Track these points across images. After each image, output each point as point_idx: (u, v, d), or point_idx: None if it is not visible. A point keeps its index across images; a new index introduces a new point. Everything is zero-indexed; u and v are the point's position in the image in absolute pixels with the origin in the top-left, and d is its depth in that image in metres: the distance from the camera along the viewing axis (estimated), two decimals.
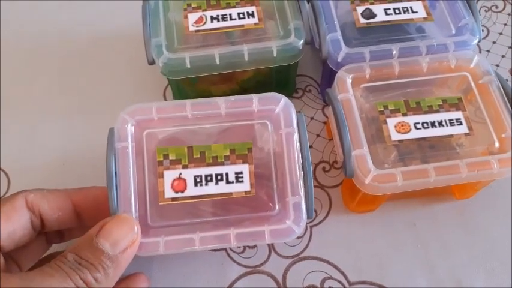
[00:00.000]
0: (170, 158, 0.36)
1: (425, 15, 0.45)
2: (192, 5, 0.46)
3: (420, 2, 0.46)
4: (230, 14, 0.45)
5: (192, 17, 0.45)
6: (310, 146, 0.49)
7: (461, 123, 0.39)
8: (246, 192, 0.35)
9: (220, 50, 0.43)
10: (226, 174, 0.35)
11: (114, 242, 0.32)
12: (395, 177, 0.36)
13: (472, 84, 0.42)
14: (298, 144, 0.36)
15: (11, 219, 0.33)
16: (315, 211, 0.46)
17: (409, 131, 0.39)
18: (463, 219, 0.45)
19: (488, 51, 0.56)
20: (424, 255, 0.43)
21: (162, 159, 0.36)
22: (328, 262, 0.43)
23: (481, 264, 0.43)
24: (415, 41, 0.44)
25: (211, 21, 0.44)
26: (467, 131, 0.39)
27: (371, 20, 0.45)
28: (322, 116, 0.51)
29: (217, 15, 0.45)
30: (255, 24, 0.44)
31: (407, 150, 0.40)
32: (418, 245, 0.44)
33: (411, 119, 0.39)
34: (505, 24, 0.58)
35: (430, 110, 0.40)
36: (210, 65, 0.43)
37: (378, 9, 0.45)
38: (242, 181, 0.35)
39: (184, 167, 0.36)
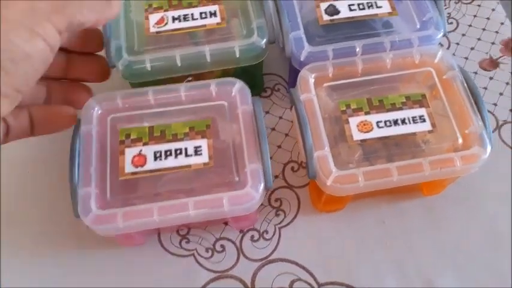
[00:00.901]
0: (132, 137, 0.38)
1: (389, 10, 0.44)
2: (153, 6, 0.44)
3: None
4: (192, 14, 0.44)
5: (153, 17, 0.44)
6: (279, 146, 0.49)
7: (424, 121, 0.39)
8: (204, 164, 0.37)
9: (181, 51, 0.42)
10: (186, 149, 0.37)
11: None
12: (357, 178, 0.36)
13: (436, 79, 0.41)
14: (254, 119, 0.39)
15: None
16: (283, 211, 0.45)
17: (371, 130, 0.38)
18: (432, 215, 0.45)
19: (458, 43, 0.55)
20: (393, 254, 0.43)
21: (124, 138, 0.38)
22: (296, 264, 0.43)
23: (450, 260, 0.42)
24: (379, 36, 0.43)
25: (173, 22, 0.43)
26: (430, 128, 0.38)
27: (335, 17, 0.44)
28: (290, 115, 0.50)
29: (179, 16, 0.44)
30: (217, 23, 0.43)
31: (372, 149, 0.39)
32: (387, 242, 0.43)
33: (373, 118, 0.39)
34: (475, 16, 0.58)
35: (393, 107, 0.39)
36: (171, 67, 0.42)
37: (341, 5, 0.45)
38: (201, 154, 0.37)
39: (145, 144, 0.38)
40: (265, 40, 0.43)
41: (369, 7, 0.45)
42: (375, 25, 0.45)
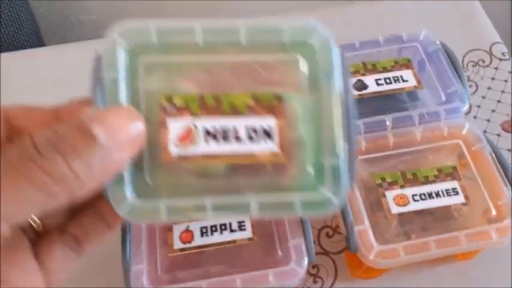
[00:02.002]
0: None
1: (415, 84, 0.47)
2: (175, 100, 0.25)
3: (410, 70, 0.48)
4: (235, 129, 0.25)
5: (174, 127, 0.25)
6: None
7: (457, 193, 0.40)
8: (248, 239, 0.30)
9: (214, 200, 0.25)
10: (230, 224, 0.35)
11: (111, 131, 0.21)
12: (398, 253, 0.38)
13: (465, 151, 0.43)
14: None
15: None
16: (321, 278, 0.47)
17: (407, 204, 0.40)
18: (466, 280, 0.46)
19: (479, 106, 0.58)
20: None
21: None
22: None
23: None
24: (407, 110, 0.46)
25: (206, 141, 0.25)
26: (464, 200, 0.40)
27: (363, 92, 0.47)
28: None
29: (215, 130, 0.25)
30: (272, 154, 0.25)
31: (408, 219, 0.41)
32: None
33: (409, 191, 0.41)
34: (493, 79, 0.60)
35: (426, 180, 0.41)
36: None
37: (369, 80, 0.47)
38: (245, 229, 0.33)
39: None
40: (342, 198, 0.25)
41: (395, 81, 0.47)
42: (401, 98, 0.48)
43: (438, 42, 0.49)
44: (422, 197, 0.40)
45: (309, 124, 0.25)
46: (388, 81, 0.47)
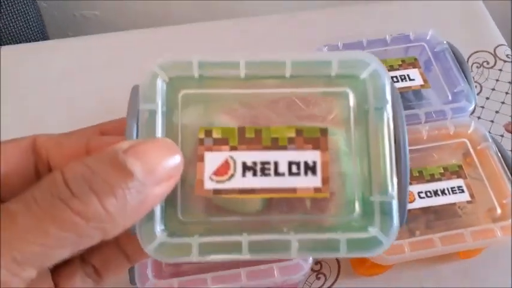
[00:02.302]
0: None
1: (422, 83, 0.47)
2: (214, 134, 0.24)
3: (416, 69, 0.48)
4: (276, 163, 0.23)
5: (211, 160, 0.24)
6: None
7: (463, 191, 0.41)
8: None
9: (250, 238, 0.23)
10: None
11: (149, 166, 0.20)
12: (404, 249, 0.38)
13: (471, 149, 0.44)
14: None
15: (8, 160, 0.24)
16: (324, 275, 0.47)
17: (413, 201, 0.40)
18: (468, 278, 0.46)
19: (482, 107, 0.58)
20: None
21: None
22: None
23: None
24: (414, 108, 0.46)
25: (244, 174, 0.23)
26: (469, 198, 0.40)
27: None
28: None
29: (254, 164, 0.23)
30: (317, 189, 0.23)
31: (413, 216, 0.41)
32: None
33: (415, 188, 0.41)
34: (497, 80, 0.60)
35: (432, 178, 0.41)
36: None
37: None
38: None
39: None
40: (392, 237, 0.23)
41: (402, 80, 0.47)
42: (408, 96, 0.48)
43: (445, 42, 0.49)
44: (428, 194, 0.41)
45: (356, 159, 0.24)
46: (395, 79, 0.47)
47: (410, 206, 0.40)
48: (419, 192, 0.41)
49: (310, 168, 0.23)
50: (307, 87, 0.25)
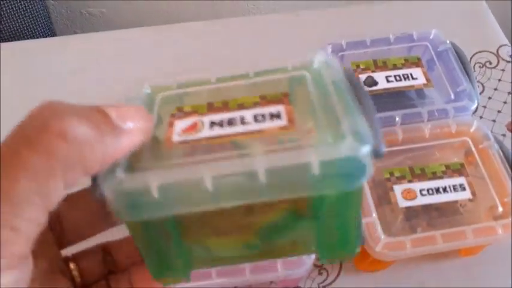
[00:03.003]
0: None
1: (425, 82, 0.48)
2: (185, 109, 0.26)
3: (419, 68, 0.49)
4: (242, 117, 0.25)
5: (181, 124, 0.25)
6: None
7: (464, 189, 0.41)
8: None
9: (214, 170, 0.21)
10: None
11: (122, 115, 0.22)
12: (405, 245, 0.38)
13: (473, 148, 0.44)
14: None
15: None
16: (326, 270, 0.48)
17: (415, 198, 0.41)
18: (469, 276, 0.46)
19: (485, 106, 0.58)
20: None
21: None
22: None
23: None
24: (416, 107, 0.46)
25: (211, 127, 0.24)
26: (470, 196, 0.41)
27: (373, 88, 0.47)
28: None
29: (221, 120, 0.25)
30: (282, 127, 0.24)
31: (414, 213, 0.42)
32: None
33: (417, 186, 0.41)
34: (499, 80, 0.61)
35: (434, 176, 0.42)
36: (195, 194, 0.22)
37: (379, 76, 0.48)
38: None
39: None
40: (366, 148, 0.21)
41: (405, 79, 0.48)
42: (410, 95, 0.49)
43: (448, 42, 0.50)
44: (430, 191, 0.41)
45: (319, 108, 0.24)
46: (398, 78, 0.48)
47: (412, 203, 0.41)
48: (421, 190, 0.41)
49: (275, 115, 0.24)
50: (269, 76, 0.27)
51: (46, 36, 0.82)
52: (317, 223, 0.24)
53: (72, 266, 0.28)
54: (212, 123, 0.24)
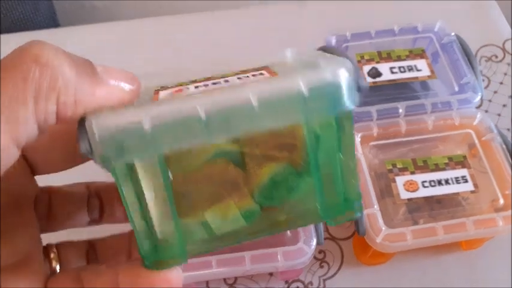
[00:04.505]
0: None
1: (429, 73, 0.47)
2: (169, 86, 0.25)
3: (424, 60, 0.48)
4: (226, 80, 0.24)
5: (166, 93, 0.24)
6: None
7: (466, 181, 0.41)
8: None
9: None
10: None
11: (108, 71, 0.22)
12: (406, 236, 0.38)
13: (476, 140, 0.44)
14: None
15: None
16: (327, 263, 0.47)
17: (417, 190, 0.41)
18: (471, 270, 0.46)
19: (490, 100, 0.58)
20: None
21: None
22: None
23: None
24: (420, 99, 0.46)
25: (196, 88, 0.24)
26: (472, 188, 0.41)
27: (377, 79, 0.47)
28: None
29: (207, 84, 0.24)
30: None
31: (416, 206, 0.41)
32: None
33: (419, 178, 0.41)
34: (505, 74, 0.60)
35: (437, 168, 0.42)
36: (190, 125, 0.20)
37: (383, 68, 0.48)
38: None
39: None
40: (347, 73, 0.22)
41: (409, 70, 0.48)
42: (414, 87, 0.48)
43: (453, 34, 0.49)
44: (432, 183, 0.41)
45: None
46: (402, 69, 0.48)
47: (414, 195, 0.41)
48: (423, 181, 0.41)
49: (259, 75, 0.23)
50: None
51: (49, 27, 0.82)
52: (314, 178, 0.24)
53: (52, 255, 0.28)
54: (197, 87, 0.23)
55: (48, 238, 0.28)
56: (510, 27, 0.64)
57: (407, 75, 0.47)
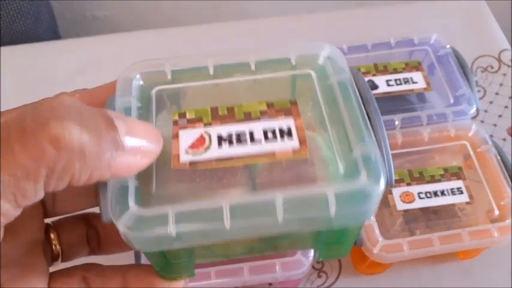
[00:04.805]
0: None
1: (425, 86, 0.48)
2: (188, 115, 0.25)
3: (420, 72, 0.49)
4: (251, 133, 0.24)
5: (186, 136, 0.24)
6: None
7: (462, 192, 0.42)
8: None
9: (232, 201, 0.21)
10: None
11: (132, 131, 0.21)
12: (402, 247, 0.39)
13: (471, 152, 0.44)
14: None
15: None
16: (325, 273, 0.48)
17: (413, 201, 0.41)
18: (467, 279, 0.47)
19: (486, 111, 0.59)
20: None
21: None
22: None
23: None
24: (416, 111, 0.47)
25: (219, 145, 0.23)
26: (468, 200, 0.41)
27: (374, 92, 0.48)
28: None
29: (229, 135, 0.24)
30: (295, 151, 0.23)
31: (412, 216, 0.42)
32: None
33: (415, 189, 0.42)
34: (501, 84, 0.61)
35: (432, 179, 0.42)
36: (214, 230, 0.21)
37: (380, 80, 0.48)
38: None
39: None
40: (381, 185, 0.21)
41: (405, 82, 0.48)
42: (410, 99, 0.49)
43: (448, 47, 0.50)
44: (428, 195, 0.41)
45: (332, 129, 0.24)
46: (398, 82, 0.48)
47: (410, 206, 0.41)
48: (419, 193, 0.42)
49: (286, 133, 0.23)
50: (272, 73, 0.26)
51: (50, 39, 0.83)
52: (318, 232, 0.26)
53: (52, 235, 0.28)
54: (220, 139, 0.23)
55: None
56: (505, 38, 0.65)
57: (404, 87, 0.48)
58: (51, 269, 0.27)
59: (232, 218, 0.21)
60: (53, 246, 0.28)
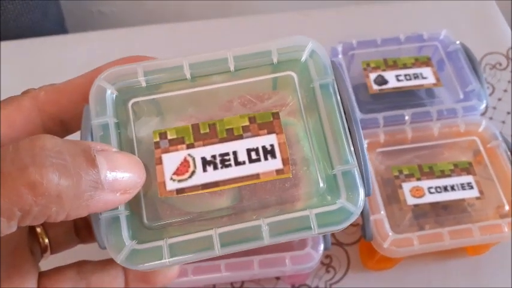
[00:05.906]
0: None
1: (434, 81, 0.48)
2: (169, 135, 0.24)
3: (429, 68, 0.49)
4: (235, 153, 0.24)
5: (170, 160, 0.24)
6: None
7: (472, 187, 0.41)
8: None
9: (220, 229, 0.24)
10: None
11: (114, 166, 0.21)
12: (412, 242, 0.39)
13: (481, 147, 0.44)
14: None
15: (14, 124, 0.23)
16: (333, 268, 0.48)
17: (423, 196, 0.41)
18: (476, 275, 0.47)
19: (494, 108, 0.59)
20: None
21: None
22: None
23: None
24: (425, 106, 0.47)
25: (204, 169, 0.23)
26: (478, 195, 0.41)
27: (383, 87, 0.48)
28: None
29: (213, 156, 0.24)
30: (278, 171, 0.23)
31: (422, 211, 0.42)
32: None
33: (425, 184, 0.42)
34: (509, 82, 0.61)
35: (443, 174, 0.42)
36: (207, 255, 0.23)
37: (389, 75, 0.48)
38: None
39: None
40: (360, 205, 0.23)
41: (415, 78, 0.48)
42: (420, 94, 0.49)
43: (458, 42, 0.50)
44: (438, 189, 0.41)
45: (313, 140, 0.25)
46: (408, 77, 0.48)
47: (420, 201, 0.41)
48: (429, 188, 0.41)
49: (269, 152, 0.24)
50: (252, 77, 0.26)
51: (58, 33, 0.83)
52: None
53: (39, 229, 0.27)
54: (204, 162, 0.23)
55: None
56: None
57: (413, 82, 0.48)
58: (43, 262, 0.27)
59: (222, 246, 0.23)
60: (40, 239, 0.27)
